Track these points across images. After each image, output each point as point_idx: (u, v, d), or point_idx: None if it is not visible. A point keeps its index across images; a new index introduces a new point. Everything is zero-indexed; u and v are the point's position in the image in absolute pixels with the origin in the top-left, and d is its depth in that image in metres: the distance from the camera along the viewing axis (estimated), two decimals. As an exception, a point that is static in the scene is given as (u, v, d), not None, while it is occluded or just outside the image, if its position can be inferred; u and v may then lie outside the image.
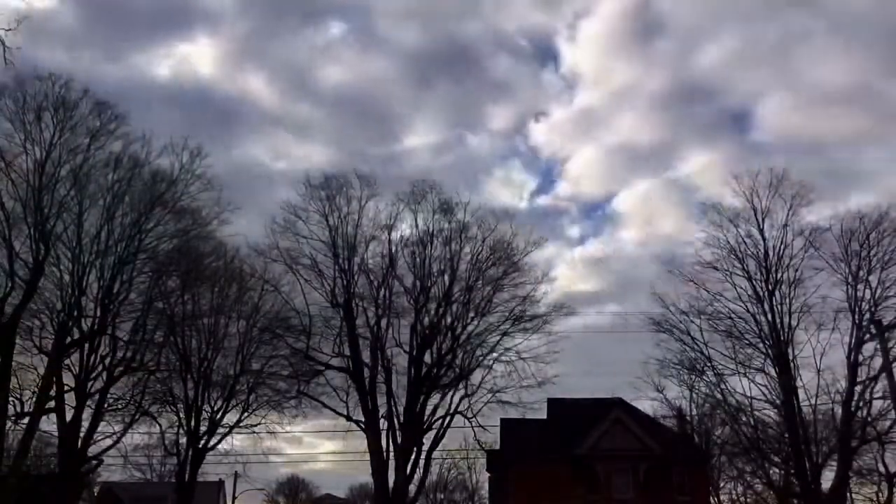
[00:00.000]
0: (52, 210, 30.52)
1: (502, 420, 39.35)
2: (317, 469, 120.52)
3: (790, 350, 33.59)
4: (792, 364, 33.43)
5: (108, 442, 34.00)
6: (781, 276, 34.41)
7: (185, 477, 36.44)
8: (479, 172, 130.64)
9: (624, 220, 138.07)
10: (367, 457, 36.02)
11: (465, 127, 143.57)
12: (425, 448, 36.95)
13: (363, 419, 36.10)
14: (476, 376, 37.29)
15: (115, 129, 32.04)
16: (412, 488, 37.46)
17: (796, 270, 34.28)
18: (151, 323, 34.47)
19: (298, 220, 37.31)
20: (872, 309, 32.52)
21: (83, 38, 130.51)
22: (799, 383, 33.40)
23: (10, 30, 10.97)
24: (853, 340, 32.47)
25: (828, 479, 32.74)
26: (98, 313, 32.21)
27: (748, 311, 34.65)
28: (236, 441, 38.25)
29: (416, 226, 37.94)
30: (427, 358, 37.15)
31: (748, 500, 46.66)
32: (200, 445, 36.67)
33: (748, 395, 34.35)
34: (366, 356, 36.87)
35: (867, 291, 32.99)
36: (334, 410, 36.85)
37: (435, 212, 38.03)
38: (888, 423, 32.24)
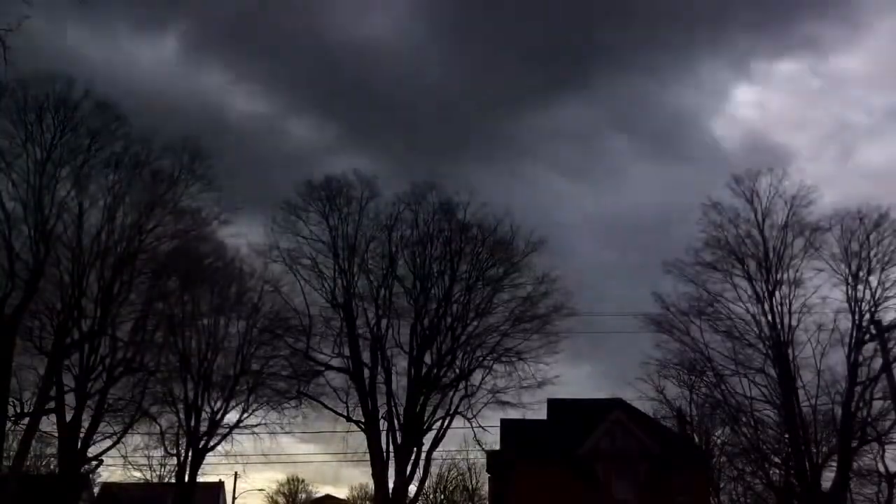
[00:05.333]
0: (53, 210, 30.61)
1: (502, 420, 39.33)
2: (317, 469, 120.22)
3: (790, 350, 33.61)
4: (792, 364, 33.44)
5: (108, 442, 34.13)
6: (781, 277, 34.42)
7: (185, 477, 36.45)
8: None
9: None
10: (368, 457, 36.03)
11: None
12: (425, 448, 36.97)
13: (363, 420, 36.10)
14: (476, 377, 37.34)
15: (115, 129, 32.18)
16: (412, 489, 37.50)
17: (796, 271, 34.33)
18: (151, 323, 34.51)
19: (298, 221, 37.37)
20: (872, 309, 32.54)
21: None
22: (799, 384, 33.44)
23: (10, 30, 10.95)
24: (853, 341, 32.48)
25: (828, 479, 32.76)
26: (98, 314, 32.21)
27: (748, 311, 34.69)
28: (236, 441, 38.25)
29: (417, 226, 37.97)
30: (427, 358, 37.16)
31: (748, 500, 46.61)
32: (200, 446, 36.67)
33: (748, 395, 34.40)
34: (366, 357, 36.88)
35: (867, 292, 33.01)
36: (334, 411, 36.89)
37: (435, 212, 38.08)
38: (888, 423, 32.25)
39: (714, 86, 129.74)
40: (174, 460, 38.91)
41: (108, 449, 34.06)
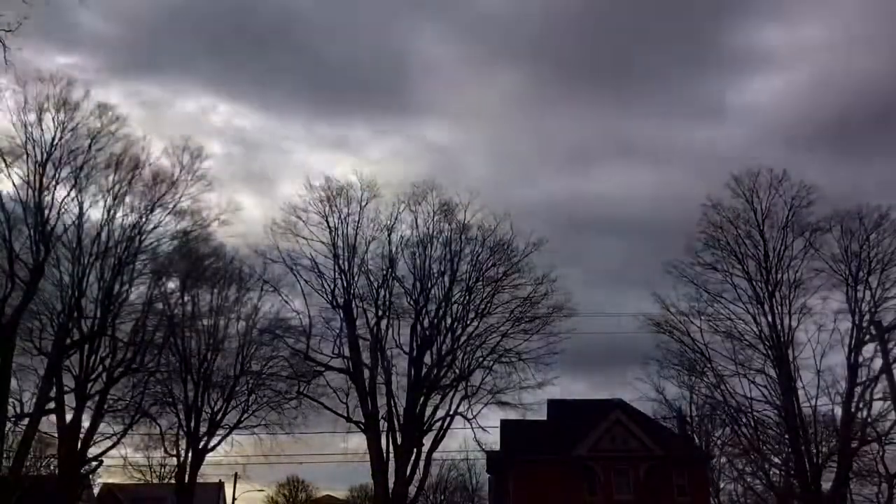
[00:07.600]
0: (53, 210, 30.59)
1: (502, 421, 39.34)
2: (317, 469, 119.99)
3: (790, 351, 33.64)
4: (792, 365, 33.47)
5: (108, 443, 34.09)
6: (781, 278, 34.48)
7: (185, 478, 36.41)
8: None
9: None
10: (368, 458, 35.99)
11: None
12: (425, 449, 36.90)
13: (363, 420, 36.07)
14: (476, 377, 37.26)
15: (115, 130, 32.18)
16: (412, 489, 37.39)
17: (796, 272, 34.40)
18: (151, 324, 34.49)
19: (299, 221, 37.31)
20: (872, 310, 32.62)
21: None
22: (799, 384, 33.50)
23: (10, 31, 10.97)
24: (853, 341, 32.54)
25: (828, 479, 32.79)
26: (98, 314, 32.21)
27: (748, 312, 34.72)
28: (236, 442, 38.21)
29: (417, 227, 37.95)
30: (427, 359, 37.11)
31: (748, 500, 46.65)
32: (200, 447, 36.65)
33: (748, 395, 34.43)
34: (366, 357, 36.81)
35: (867, 293, 33.12)
36: (334, 411, 36.82)
37: (435, 213, 38.05)
38: (888, 423, 32.31)
39: None
40: (174, 461, 38.93)
41: (108, 450, 34.09)
